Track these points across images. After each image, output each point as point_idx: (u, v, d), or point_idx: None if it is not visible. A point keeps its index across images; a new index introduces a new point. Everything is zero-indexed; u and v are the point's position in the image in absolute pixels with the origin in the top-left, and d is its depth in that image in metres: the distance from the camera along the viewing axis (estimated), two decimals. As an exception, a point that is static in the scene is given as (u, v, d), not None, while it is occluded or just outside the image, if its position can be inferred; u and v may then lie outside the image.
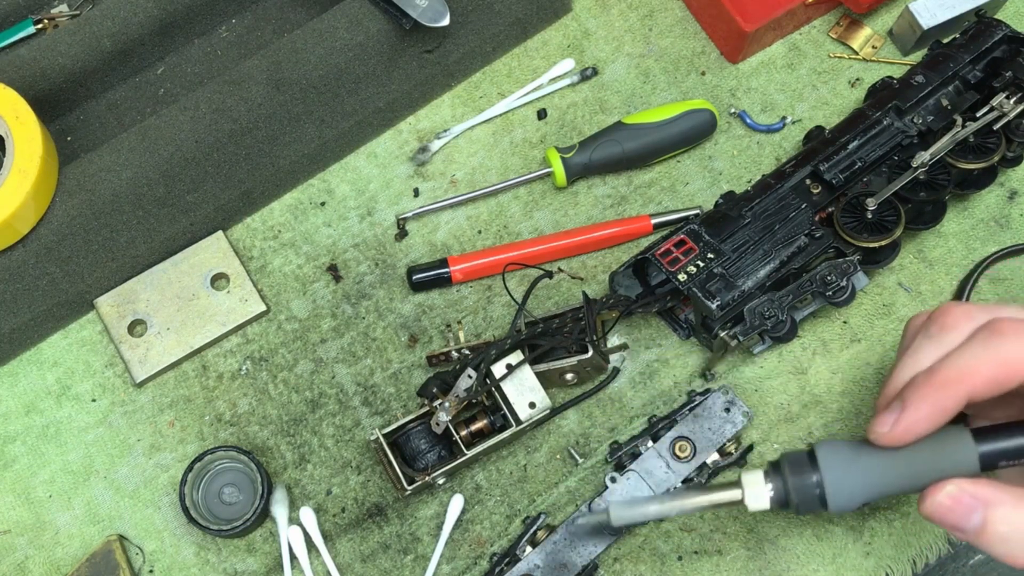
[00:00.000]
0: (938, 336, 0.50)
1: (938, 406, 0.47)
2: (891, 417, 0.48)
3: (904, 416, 0.48)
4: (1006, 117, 0.68)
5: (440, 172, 0.76)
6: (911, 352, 0.51)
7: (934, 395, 0.47)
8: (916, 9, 0.74)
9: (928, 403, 0.47)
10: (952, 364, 0.48)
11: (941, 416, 0.48)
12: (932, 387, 0.47)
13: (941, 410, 0.47)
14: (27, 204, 0.66)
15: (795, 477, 0.51)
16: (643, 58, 0.78)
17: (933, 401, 0.47)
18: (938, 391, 0.47)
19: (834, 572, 0.65)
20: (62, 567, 0.68)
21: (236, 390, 0.71)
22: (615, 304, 0.68)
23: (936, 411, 0.47)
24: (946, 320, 0.50)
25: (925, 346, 0.50)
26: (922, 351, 0.50)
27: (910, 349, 0.51)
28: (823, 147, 0.69)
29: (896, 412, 0.48)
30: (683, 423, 0.66)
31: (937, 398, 0.47)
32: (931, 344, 0.50)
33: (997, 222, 0.73)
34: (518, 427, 0.65)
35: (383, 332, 0.72)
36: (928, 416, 0.47)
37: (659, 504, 0.53)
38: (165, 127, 0.71)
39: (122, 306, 0.72)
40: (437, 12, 0.70)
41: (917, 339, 0.51)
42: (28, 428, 0.71)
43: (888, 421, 0.48)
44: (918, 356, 0.50)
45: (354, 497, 0.68)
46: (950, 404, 0.47)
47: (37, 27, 0.76)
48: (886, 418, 0.48)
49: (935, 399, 0.47)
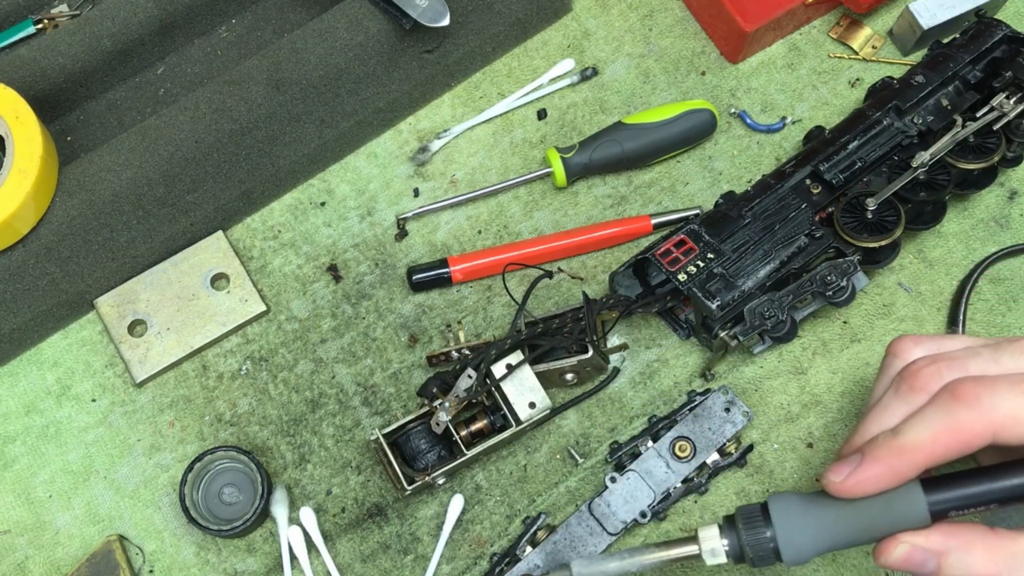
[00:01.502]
0: (906, 396, 0.50)
1: (894, 470, 0.48)
2: (847, 468, 0.49)
3: (859, 471, 0.48)
4: (1006, 117, 0.68)
5: (440, 172, 0.76)
6: (880, 408, 0.51)
7: (892, 459, 0.48)
8: (916, 9, 0.74)
9: (885, 465, 0.48)
10: (912, 431, 0.48)
11: (896, 479, 0.48)
12: (891, 451, 0.48)
13: (897, 473, 0.48)
14: (27, 204, 0.66)
15: (748, 532, 0.52)
16: (643, 58, 0.78)
17: (890, 464, 0.48)
18: (896, 456, 0.48)
19: (834, 572, 0.65)
20: (62, 567, 0.68)
21: (236, 390, 0.71)
22: (615, 304, 0.68)
23: (892, 474, 0.48)
24: (915, 381, 0.50)
25: (894, 404, 0.51)
26: (890, 409, 0.51)
27: (879, 404, 0.51)
28: (823, 147, 0.69)
29: (853, 465, 0.49)
30: (683, 423, 0.66)
31: (894, 463, 0.48)
32: (900, 403, 0.51)
33: (997, 222, 0.73)
34: (518, 427, 0.65)
35: (383, 332, 0.72)
36: (883, 476, 0.48)
37: (619, 560, 0.55)
38: (165, 127, 0.71)
39: (122, 306, 0.72)
40: (437, 12, 0.70)
41: (887, 395, 0.51)
42: (28, 428, 0.71)
43: (843, 472, 0.49)
44: (886, 413, 0.51)
45: (354, 497, 0.68)
46: (907, 470, 0.48)
47: (37, 27, 0.76)
48: (842, 468, 0.49)
49: (892, 463, 0.48)
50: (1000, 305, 0.71)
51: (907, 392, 0.50)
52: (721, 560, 0.53)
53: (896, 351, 0.54)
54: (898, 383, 0.51)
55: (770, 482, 0.67)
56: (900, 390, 0.51)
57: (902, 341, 0.54)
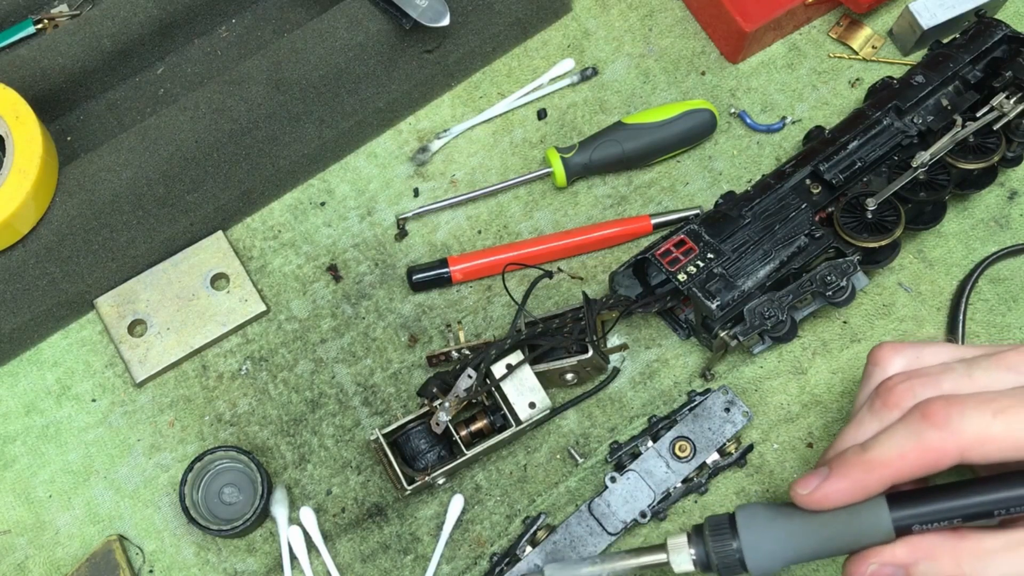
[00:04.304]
0: (879, 412, 0.51)
1: (860, 484, 0.48)
2: (815, 481, 0.49)
3: (826, 484, 0.49)
4: (1006, 117, 0.68)
5: (440, 172, 0.76)
6: (855, 423, 0.52)
7: (858, 474, 0.48)
8: (916, 9, 0.74)
9: (851, 480, 0.49)
10: (880, 448, 0.48)
11: (862, 494, 0.49)
12: (858, 466, 0.49)
13: (863, 488, 0.49)
14: (27, 204, 0.66)
15: (715, 542, 0.53)
16: (643, 58, 0.78)
17: (856, 479, 0.48)
18: (863, 472, 0.48)
19: (835, 572, 0.65)
20: (62, 567, 0.68)
21: (236, 390, 0.71)
22: (615, 304, 0.68)
23: (858, 488, 0.49)
24: (888, 398, 0.51)
25: (867, 420, 0.51)
26: (864, 424, 0.51)
27: (855, 419, 0.52)
28: (823, 147, 0.69)
29: (820, 478, 0.49)
30: (683, 423, 0.66)
31: (861, 478, 0.48)
32: (873, 419, 0.51)
33: (997, 222, 0.73)
34: (518, 427, 0.65)
35: (383, 332, 0.72)
36: (849, 490, 0.49)
37: (590, 566, 0.56)
38: (165, 127, 0.71)
39: (122, 306, 0.72)
40: (437, 12, 0.70)
41: (862, 411, 0.52)
42: (28, 428, 0.71)
43: (811, 484, 0.49)
44: (860, 428, 0.51)
45: (354, 497, 0.69)
46: (873, 485, 0.48)
47: (37, 27, 0.76)
48: (810, 480, 0.50)
49: (859, 478, 0.48)
50: (1000, 305, 0.71)
51: (880, 408, 0.51)
52: (688, 568, 0.54)
53: (876, 359, 0.54)
54: (873, 399, 0.52)
55: (770, 482, 0.67)
56: (874, 406, 0.51)
57: (882, 349, 0.54)
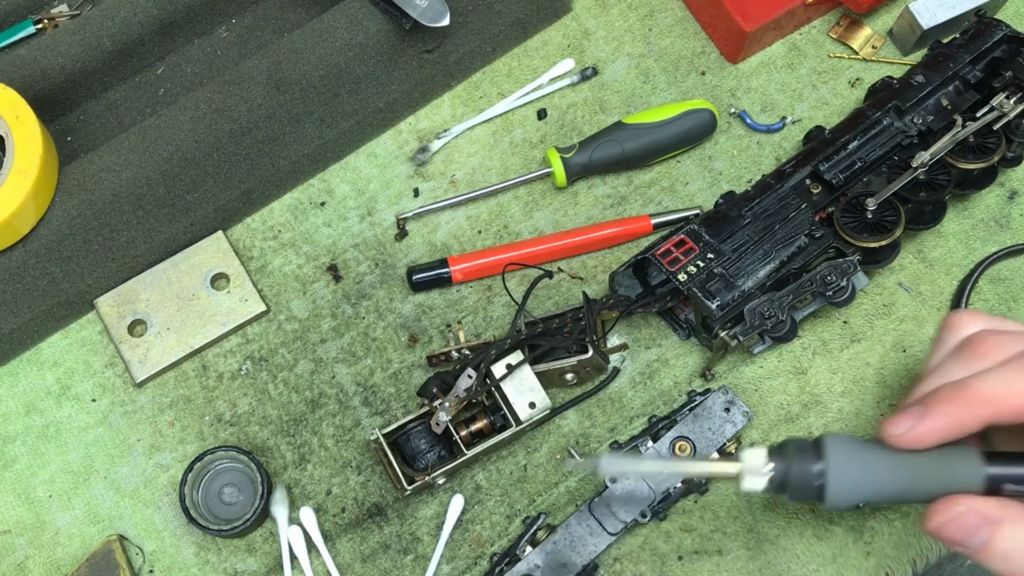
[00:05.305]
0: (968, 361, 0.50)
1: (958, 420, 0.47)
2: (909, 420, 0.48)
3: (923, 422, 0.47)
4: (1006, 117, 0.68)
5: (440, 172, 0.76)
6: (940, 372, 0.50)
7: (958, 410, 0.47)
8: (916, 9, 0.74)
9: (950, 416, 0.47)
10: (983, 384, 0.47)
11: (959, 431, 0.47)
12: (958, 402, 0.47)
13: (960, 425, 0.47)
14: (27, 204, 0.66)
15: (799, 462, 0.50)
16: (643, 58, 0.78)
17: (955, 414, 0.47)
18: (963, 407, 0.47)
19: (835, 572, 0.65)
20: (62, 567, 0.68)
21: (236, 390, 0.71)
22: (615, 304, 0.68)
23: (956, 425, 0.47)
24: (979, 348, 0.49)
25: (955, 369, 0.50)
26: (952, 373, 0.50)
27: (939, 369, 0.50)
28: (823, 147, 0.69)
29: (915, 416, 0.48)
30: (683, 423, 0.66)
31: (960, 413, 0.47)
32: (961, 368, 0.50)
33: (997, 222, 0.73)
34: (518, 427, 0.65)
35: (383, 332, 0.72)
36: (947, 427, 0.47)
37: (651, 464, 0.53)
38: (165, 127, 0.71)
39: (122, 306, 0.72)
40: (437, 12, 0.70)
41: (947, 361, 0.51)
42: (28, 428, 0.71)
43: (905, 423, 0.48)
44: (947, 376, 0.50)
45: (354, 497, 0.68)
46: (971, 422, 0.47)
47: (37, 27, 0.76)
48: (904, 420, 0.48)
49: (958, 413, 0.47)
50: (1000, 305, 0.71)
51: (969, 357, 0.49)
52: (759, 486, 0.50)
53: (953, 323, 0.53)
54: (961, 348, 0.50)
55: (770, 482, 0.67)
56: (963, 355, 0.50)
57: (960, 314, 0.53)
